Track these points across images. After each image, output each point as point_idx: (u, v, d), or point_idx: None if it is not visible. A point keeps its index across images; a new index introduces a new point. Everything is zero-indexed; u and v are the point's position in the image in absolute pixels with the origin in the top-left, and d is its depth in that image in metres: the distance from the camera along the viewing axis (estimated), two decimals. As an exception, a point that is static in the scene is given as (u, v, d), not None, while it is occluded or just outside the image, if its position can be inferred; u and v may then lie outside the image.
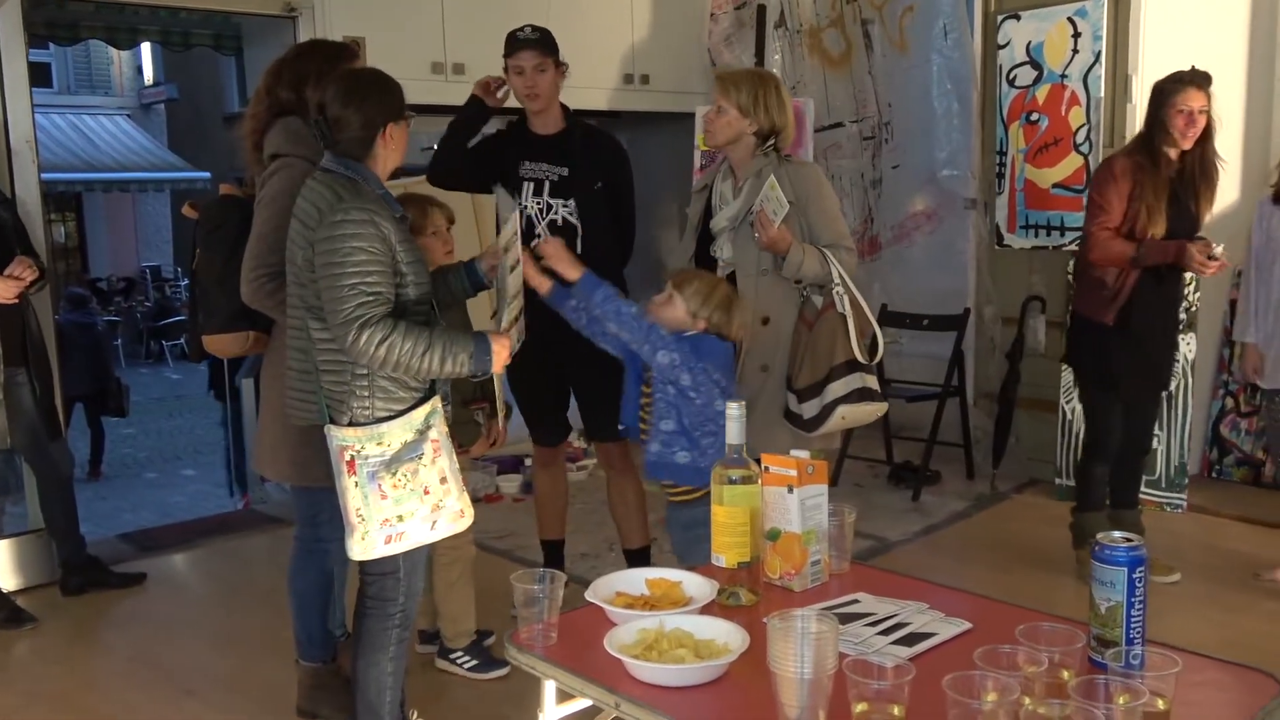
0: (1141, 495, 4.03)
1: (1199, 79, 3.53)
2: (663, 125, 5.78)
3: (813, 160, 4.95)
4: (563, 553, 3.70)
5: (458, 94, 4.47)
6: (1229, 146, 4.81)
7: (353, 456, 2.28)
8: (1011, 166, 5.02)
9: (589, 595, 1.82)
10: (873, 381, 3.10)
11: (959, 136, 5.32)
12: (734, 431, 1.87)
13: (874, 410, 3.15)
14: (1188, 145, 3.53)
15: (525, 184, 3.47)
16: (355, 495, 2.29)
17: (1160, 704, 1.39)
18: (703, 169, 5.23)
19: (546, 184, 3.46)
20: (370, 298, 2.23)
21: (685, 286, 2.57)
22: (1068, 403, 4.64)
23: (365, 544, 2.32)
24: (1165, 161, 3.55)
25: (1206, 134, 3.54)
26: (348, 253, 2.23)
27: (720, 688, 1.58)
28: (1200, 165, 3.58)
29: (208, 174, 15.75)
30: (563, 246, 2.61)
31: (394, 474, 2.29)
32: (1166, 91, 3.54)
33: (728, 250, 3.14)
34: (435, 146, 3.76)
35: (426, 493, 2.32)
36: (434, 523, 2.35)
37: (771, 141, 3.15)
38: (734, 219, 3.13)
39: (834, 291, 3.07)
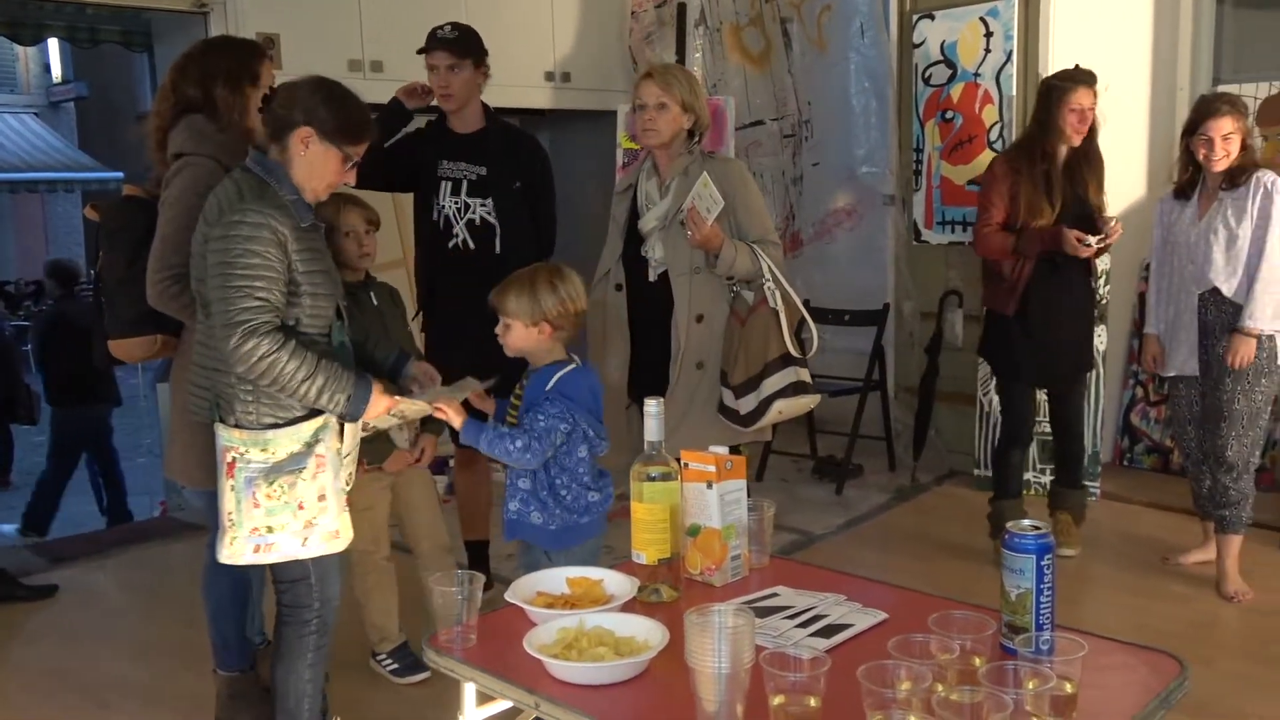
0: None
1: (1087, 78, 3.70)
2: (584, 123, 5.77)
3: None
4: (487, 553, 3.68)
5: (377, 92, 4.39)
6: (1134, 145, 4.96)
7: (234, 458, 2.24)
8: (928, 163, 5.11)
9: (509, 596, 1.82)
10: (806, 375, 3.16)
11: (877, 134, 5.40)
12: (652, 429, 1.87)
13: (808, 403, 3.22)
14: (1078, 142, 3.71)
15: (443, 183, 3.44)
16: (230, 498, 2.25)
17: (1068, 687, 1.42)
18: (625, 167, 5.24)
19: (464, 183, 3.44)
20: (258, 303, 2.17)
21: (506, 302, 2.46)
22: (985, 395, 4.73)
23: (233, 549, 2.27)
24: (1051, 157, 3.72)
25: (1092, 129, 3.73)
26: (239, 254, 2.17)
27: (640, 684, 1.59)
28: (1086, 157, 3.75)
29: (120, 174, 15.34)
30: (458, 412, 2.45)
31: (270, 483, 2.24)
32: (1060, 90, 3.70)
33: (658, 250, 3.16)
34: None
35: (300, 508, 2.27)
36: (305, 539, 2.29)
37: (697, 138, 3.17)
38: (663, 218, 3.14)
39: (765, 287, 3.12)
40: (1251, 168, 3.49)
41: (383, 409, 2.32)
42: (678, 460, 1.91)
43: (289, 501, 2.25)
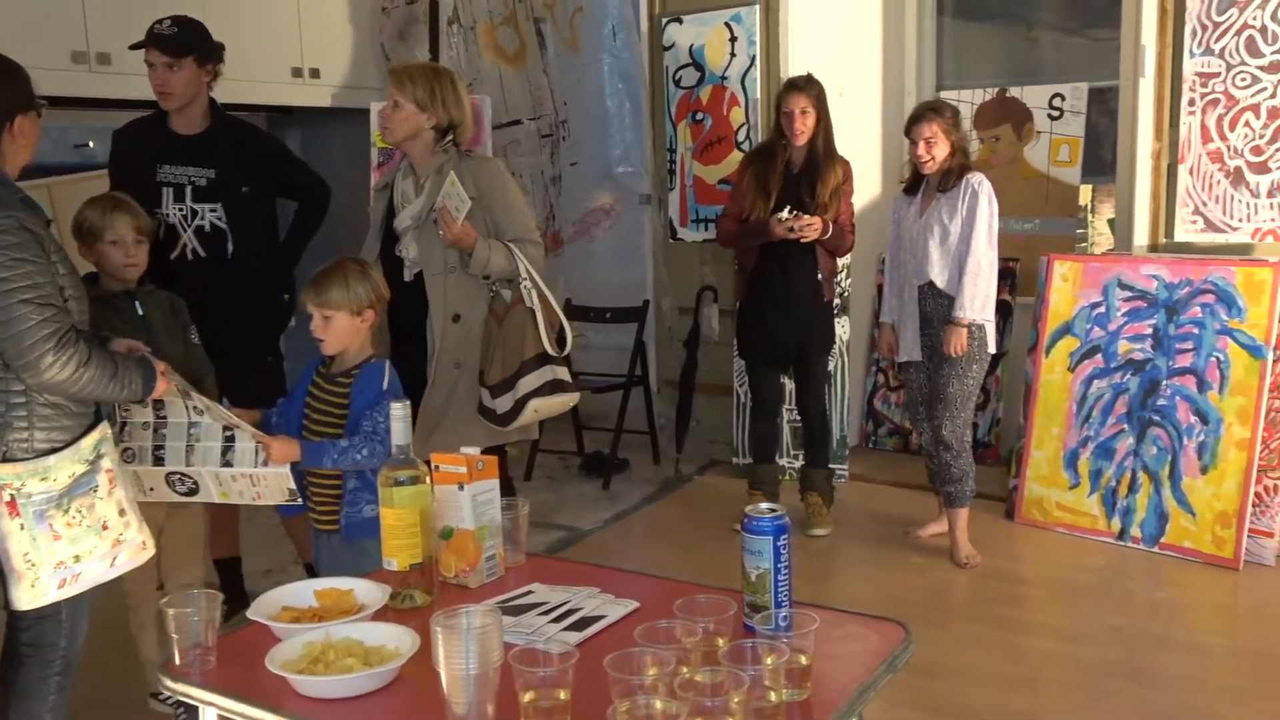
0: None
1: (799, 83, 4.04)
2: (336, 121, 5.60)
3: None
4: (240, 571, 3.52)
5: (104, 86, 4.14)
6: (869, 146, 5.28)
7: (12, 496, 2.04)
8: (681, 163, 5.26)
9: (251, 613, 1.74)
10: (564, 373, 3.18)
11: (632, 134, 5.51)
12: (399, 432, 1.84)
13: (566, 401, 3.24)
14: (799, 141, 4.02)
15: (164, 190, 3.24)
16: (21, 539, 2.05)
17: (803, 659, 1.49)
18: (381, 166, 5.13)
19: (189, 188, 3.26)
20: (54, 310, 2.04)
21: (329, 294, 2.49)
22: (741, 386, 4.92)
23: (35, 591, 2.08)
24: (782, 154, 4.06)
25: (818, 129, 4.03)
26: (11, 265, 1.99)
27: (391, 693, 1.56)
28: (812, 158, 4.06)
29: None
30: (286, 445, 2.44)
31: (67, 511, 2.08)
32: (778, 96, 4.10)
33: (413, 249, 3.11)
34: (90, 144, 3.48)
35: (105, 528, 2.13)
36: (114, 559, 2.16)
37: (450, 137, 3.13)
38: (417, 217, 3.10)
39: (522, 286, 3.12)
40: (963, 170, 3.78)
41: (164, 386, 2.29)
42: (428, 463, 1.89)
43: (92, 525, 2.11)
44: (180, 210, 3.24)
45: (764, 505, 1.69)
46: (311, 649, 1.60)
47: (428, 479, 1.85)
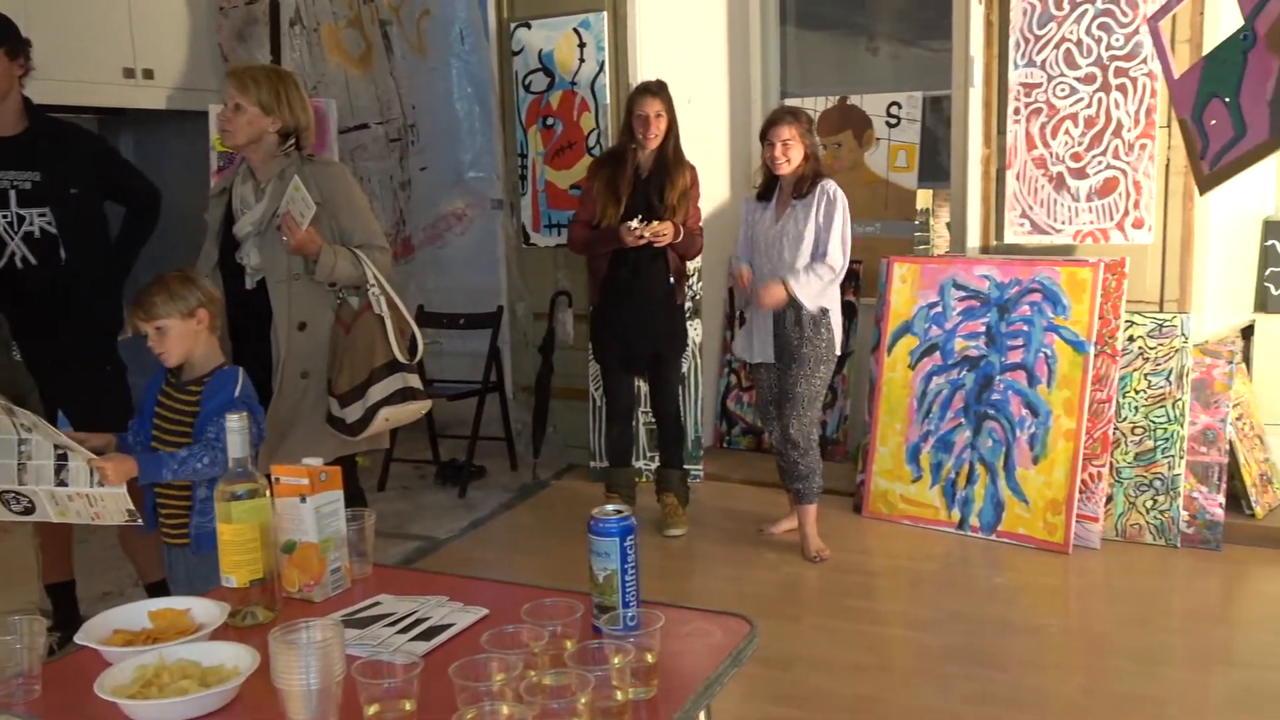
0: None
1: (652, 87, 4.08)
2: (173, 124, 5.40)
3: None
4: (74, 596, 3.35)
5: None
6: (717, 152, 5.38)
7: None
8: (533, 168, 5.25)
9: (79, 638, 1.66)
10: (415, 380, 3.15)
11: (482, 139, 5.48)
12: (236, 444, 1.79)
13: (417, 409, 3.20)
14: (652, 145, 4.06)
15: None
16: None
17: (649, 658, 1.51)
18: (221, 170, 4.96)
19: (13, 193, 3.10)
20: None
21: (154, 308, 2.41)
22: (597, 390, 4.95)
23: None
24: (631, 159, 4.09)
25: (668, 134, 4.08)
26: None
27: (230, 713, 1.51)
28: (663, 162, 4.10)
29: None
30: (121, 464, 2.29)
31: None
32: (630, 100, 4.11)
33: (255, 256, 3.02)
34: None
35: None
36: None
37: (292, 141, 3.06)
38: (259, 223, 3.01)
39: (370, 293, 3.07)
40: (817, 176, 3.89)
41: None
42: (268, 476, 1.84)
43: None
44: (5, 217, 3.08)
45: (610, 507, 1.70)
46: (144, 672, 1.54)
47: (267, 492, 1.80)
